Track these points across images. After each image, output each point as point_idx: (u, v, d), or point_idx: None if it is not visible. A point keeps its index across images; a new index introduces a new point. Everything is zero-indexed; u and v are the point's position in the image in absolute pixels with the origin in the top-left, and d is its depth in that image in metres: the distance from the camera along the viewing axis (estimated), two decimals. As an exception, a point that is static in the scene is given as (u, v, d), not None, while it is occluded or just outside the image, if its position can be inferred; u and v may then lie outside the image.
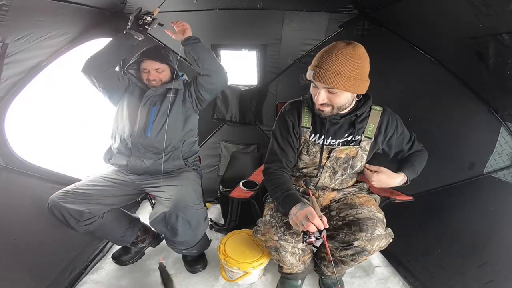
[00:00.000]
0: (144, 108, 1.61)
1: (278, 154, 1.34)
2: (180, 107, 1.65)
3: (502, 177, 1.49)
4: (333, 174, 1.37)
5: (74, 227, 1.41)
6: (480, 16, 1.22)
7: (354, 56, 1.09)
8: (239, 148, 2.64)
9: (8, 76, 1.41)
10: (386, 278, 1.65)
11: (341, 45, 1.10)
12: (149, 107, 1.62)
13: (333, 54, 1.08)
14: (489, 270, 1.38)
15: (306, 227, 1.02)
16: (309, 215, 1.02)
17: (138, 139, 1.58)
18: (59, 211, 1.38)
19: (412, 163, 1.38)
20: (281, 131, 1.35)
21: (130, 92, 1.69)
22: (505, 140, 1.48)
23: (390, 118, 1.32)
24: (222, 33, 2.27)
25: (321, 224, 1.02)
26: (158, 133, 1.59)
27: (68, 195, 1.42)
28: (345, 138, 1.31)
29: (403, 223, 1.55)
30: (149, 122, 1.59)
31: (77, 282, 1.58)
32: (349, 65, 1.08)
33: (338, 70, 1.08)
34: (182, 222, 1.38)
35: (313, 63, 1.15)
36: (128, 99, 1.67)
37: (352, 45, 1.10)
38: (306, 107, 1.34)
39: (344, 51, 1.08)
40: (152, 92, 1.62)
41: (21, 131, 1.97)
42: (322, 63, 1.10)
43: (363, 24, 2.07)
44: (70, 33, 1.71)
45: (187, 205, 1.41)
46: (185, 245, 1.56)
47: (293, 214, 1.08)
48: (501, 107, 1.46)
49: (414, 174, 1.38)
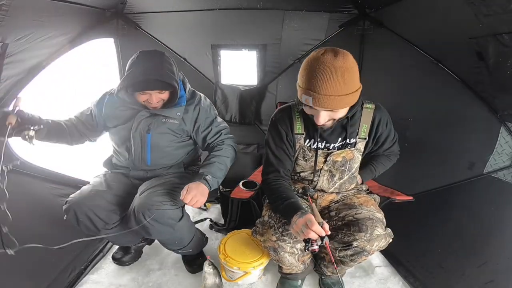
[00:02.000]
0: (136, 135, 1.43)
1: (274, 165, 1.32)
2: (183, 134, 1.49)
3: (502, 177, 1.49)
4: (330, 178, 1.36)
5: (100, 230, 1.38)
6: (480, 16, 1.22)
7: (348, 69, 1.02)
8: (239, 148, 2.64)
9: (8, 76, 1.41)
10: (386, 278, 1.65)
11: (330, 58, 1.01)
12: (141, 134, 1.43)
13: (327, 73, 1.00)
14: (489, 270, 1.38)
15: (306, 234, 1.01)
16: (308, 222, 1.02)
17: (138, 166, 1.50)
18: (84, 214, 1.32)
19: (374, 165, 1.45)
20: (275, 141, 1.32)
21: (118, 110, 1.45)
22: (505, 140, 1.48)
23: (383, 116, 1.30)
24: (222, 33, 2.27)
25: (321, 231, 1.01)
26: (160, 160, 1.51)
27: (94, 196, 1.36)
28: (340, 142, 1.30)
29: (403, 223, 1.55)
30: (146, 152, 1.46)
31: (77, 282, 1.57)
32: (345, 82, 1.02)
33: (337, 91, 1.01)
34: (151, 222, 1.28)
35: (305, 86, 1.05)
36: (115, 120, 1.46)
37: (341, 56, 1.02)
38: (297, 112, 1.30)
39: (336, 66, 1.00)
40: (144, 114, 1.41)
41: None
42: (318, 88, 1.01)
43: (363, 24, 2.07)
44: (70, 33, 1.71)
45: (153, 204, 1.29)
46: (175, 245, 1.53)
47: (293, 222, 1.08)
48: (501, 107, 1.46)
49: (371, 177, 1.45)
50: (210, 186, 1.35)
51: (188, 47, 2.37)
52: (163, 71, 1.28)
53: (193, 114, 1.46)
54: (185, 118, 1.45)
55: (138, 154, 1.47)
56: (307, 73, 1.05)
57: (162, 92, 1.34)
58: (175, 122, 1.43)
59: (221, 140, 1.52)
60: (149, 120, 1.42)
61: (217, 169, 1.41)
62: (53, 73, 1.75)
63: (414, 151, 1.83)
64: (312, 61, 1.05)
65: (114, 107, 1.46)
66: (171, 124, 1.43)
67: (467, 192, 1.64)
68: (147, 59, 1.30)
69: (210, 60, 2.36)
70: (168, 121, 1.43)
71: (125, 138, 1.46)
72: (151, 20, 2.25)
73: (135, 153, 1.47)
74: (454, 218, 1.67)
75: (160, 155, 1.50)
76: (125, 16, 2.20)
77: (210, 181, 1.35)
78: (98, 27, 1.99)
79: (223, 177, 1.46)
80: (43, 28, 1.48)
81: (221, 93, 2.48)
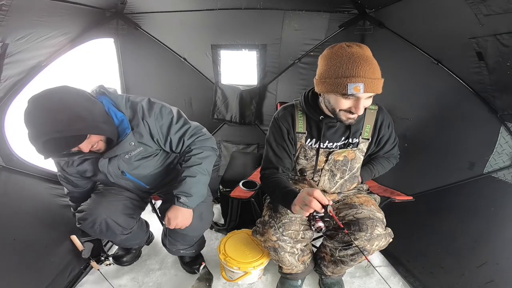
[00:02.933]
0: (118, 180, 1.33)
1: (273, 162, 1.32)
2: (155, 151, 1.32)
3: (502, 177, 1.49)
4: (332, 177, 1.36)
5: (118, 235, 1.37)
6: (480, 16, 1.22)
7: (372, 57, 1.07)
8: (239, 148, 2.64)
9: (8, 76, 1.41)
10: (386, 278, 1.64)
11: (359, 49, 1.04)
12: (119, 176, 1.31)
13: (367, 61, 1.03)
14: (489, 270, 1.38)
15: (309, 204, 0.99)
16: (309, 191, 1.00)
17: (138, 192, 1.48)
18: (104, 221, 1.30)
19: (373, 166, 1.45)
20: (276, 138, 1.32)
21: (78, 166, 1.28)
22: (505, 140, 1.48)
23: (385, 117, 1.31)
24: (222, 33, 2.27)
25: (323, 198, 0.99)
26: (155, 181, 1.44)
27: (110, 203, 1.34)
28: (343, 141, 1.30)
29: (403, 223, 1.55)
30: (139, 183, 1.39)
31: (77, 282, 1.57)
32: (378, 67, 1.06)
33: (378, 75, 1.05)
34: (195, 214, 1.36)
35: (350, 75, 1.01)
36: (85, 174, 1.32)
37: (365, 47, 1.07)
38: (300, 111, 1.30)
39: (367, 55, 1.05)
40: (104, 163, 1.24)
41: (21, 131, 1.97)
42: (367, 73, 1.01)
43: (363, 24, 2.08)
44: (70, 33, 1.72)
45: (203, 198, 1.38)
46: (187, 243, 1.56)
47: (294, 202, 1.07)
48: (501, 107, 1.46)
49: (370, 177, 1.46)
50: (188, 206, 1.28)
51: (188, 47, 2.37)
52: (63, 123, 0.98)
53: (146, 131, 1.23)
54: (145, 141, 1.24)
55: (132, 187, 1.43)
56: (345, 63, 1.02)
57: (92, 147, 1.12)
58: (139, 150, 1.25)
59: (187, 147, 1.32)
60: (114, 164, 1.26)
61: (190, 186, 1.27)
62: (53, 73, 1.75)
63: (414, 151, 1.83)
64: (343, 53, 1.03)
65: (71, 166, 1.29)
66: (136, 155, 1.26)
67: (467, 192, 1.64)
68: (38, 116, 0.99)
69: (210, 60, 2.36)
70: (132, 154, 1.25)
71: (111, 183, 1.36)
72: (151, 20, 2.26)
73: (129, 188, 1.44)
74: (454, 218, 1.67)
75: (153, 179, 1.42)
76: (125, 16, 2.20)
77: (185, 203, 1.26)
78: (98, 27, 1.99)
79: (204, 187, 1.34)
80: (43, 28, 1.48)
81: (221, 93, 2.48)
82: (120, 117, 1.17)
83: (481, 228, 1.51)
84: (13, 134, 1.58)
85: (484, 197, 1.57)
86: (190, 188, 1.27)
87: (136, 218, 1.46)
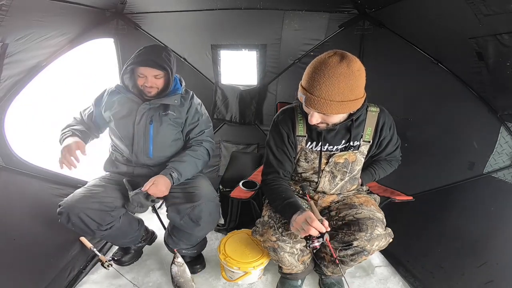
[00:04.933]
0: (139, 127, 1.49)
1: (274, 166, 1.32)
2: (178, 126, 1.56)
3: (502, 177, 1.49)
4: (332, 179, 1.36)
5: (94, 231, 1.39)
6: (480, 16, 1.22)
7: (349, 76, 0.99)
8: (239, 148, 2.64)
9: (8, 76, 1.41)
10: (386, 278, 1.65)
11: (334, 62, 0.99)
12: (145, 125, 1.49)
13: (326, 76, 0.98)
14: (489, 270, 1.38)
15: (307, 231, 1.02)
16: (308, 219, 1.02)
17: (141, 159, 1.53)
18: (77, 216, 1.33)
19: (375, 169, 1.44)
20: (276, 142, 1.32)
21: (119, 105, 1.52)
22: (505, 140, 1.48)
23: (387, 119, 1.30)
24: (222, 33, 2.27)
25: (321, 227, 1.02)
26: (160, 152, 1.54)
27: (87, 198, 1.38)
28: (343, 144, 1.30)
29: (403, 223, 1.55)
30: (149, 143, 1.51)
31: (76, 282, 1.57)
32: (343, 89, 0.99)
33: (331, 96, 0.99)
34: (205, 213, 1.39)
35: (303, 85, 1.06)
36: (117, 114, 1.51)
37: (346, 62, 0.99)
38: (300, 114, 1.29)
39: (337, 71, 0.98)
40: (146, 107, 1.48)
41: (21, 131, 1.97)
42: (314, 89, 1.00)
43: (363, 24, 2.07)
44: (70, 33, 1.72)
45: (211, 196, 1.46)
46: (190, 243, 1.57)
47: (293, 220, 1.09)
48: (501, 107, 1.46)
49: (370, 180, 1.46)
50: (174, 182, 1.43)
51: (188, 47, 2.37)
52: (160, 56, 1.42)
53: (186, 108, 1.55)
54: (181, 111, 1.53)
55: (141, 146, 1.51)
56: (308, 72, 1.06)
57: (157, 77, 1.44)
58: (173, 113, 1.52)
59: (200, 141, 1.57)
60: (151, 113, 1.49)
61: (185, 169, 1.47)
62: (53, 73, 1.75)
63: (414, 151, 1.83)
64: (317, 61, 1.04)
65: (115, 100, 1.53)
66: (170, 115, 1.51)
67: (467, 192, 1.64)
68: (149, 48, 1.47)
69: (210, 60, 2.36)
70: (168, 113, 1.50)
71: (128, 130, 1.51)
72: (151, 20, 2.25)
73: (138, 145, 1.51)
74: (454, 218, 1.67)
75: (161, 146, 1.54)
76: (125, 16, 2.20)
77: (174, 178, 1.43)
78: (98, 27, 1.99)
79: (190, 175, 1.53)
80: (43, 28, 1.48)
81: (221, 93, 2.48)
82: (178, 86, 1.55)
83: (481, 228, 1.51)
84: (13, 134, 1.58)
85: (484, 197, 1.57)
86: (184, 171, 1.46)
87: (115, 216, 1.43)
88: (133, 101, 1.50)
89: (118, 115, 1.52)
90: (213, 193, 1.51)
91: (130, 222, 1.61)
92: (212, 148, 1.62)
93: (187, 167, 1.48)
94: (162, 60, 1.42)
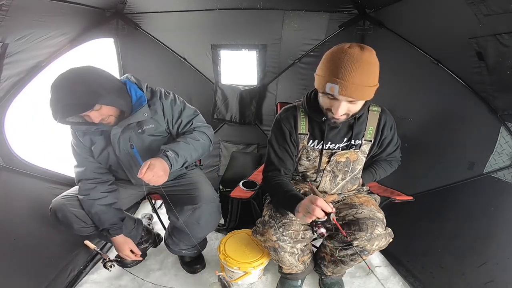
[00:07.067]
0: (123, 155, 1.38)
1: (276, 164, 1.32)
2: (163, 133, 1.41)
3: (502, 177, 1.49)
4: (333, 179, 1.36)
5: (80, 229, 1.40)
6: (480, 16, 1.22)
7: (371, 63, 1.04)
8: (239, 148, 2.64)
9: (8, 76, 1.41)
10: (386, 278, 1.65)
11: (357, 51, 1.02)
12: (127, 152, 1.37)
13: (354, 63, 1.01)
14: (489, 270, 1.38)
15: (312, 212, 1.00)
16: (312, 199, 1.01)
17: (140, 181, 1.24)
18: (63, 214, 1.35)
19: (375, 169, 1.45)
20: (278, 140, 1.32)
21: (94, 140, 1.37)
22: (505, 140, 1.48)
23: (388, 119, 1.31)
24: (222, 33, 2.27)
25: (327, 206, 1.00)
26: None
27: (74, 197, 1.40)
28: (345, 142, 1.30)
29: (403, 223, 1.55)
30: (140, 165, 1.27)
31: (77, 282, 1.57)
32: (369, 74, 1.04)
33: (363, 81, 1.02)
34: (206, 214, 1.40)
35: (331, 75, 1.04)
36: (96, 149, 1.38)
37: (368, 51, 1.04)
38: (302, 112, 1.29)
39: (362, 58, 1.01)
40: (118, 130, 1.30)
41: (21, 131, 1.97)
42: (346, 76, 1.01)
43: (363, 24, 2.08)
44: (70, 33, 1.72)
45: (212, 198, 1.45)
46: (190, 243, 1.56)
47: (298, 207, 1.08)
48: (501, 107, 1.46)
49: (371, 180, 1.46)
50: (171, 163, 1.23)
51: (188, 47, 2.37)
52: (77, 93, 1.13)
53: (160, 112, 1.38)
54: (157, 118, 1.37)
55: (134, 170, 1.41)
56: (333, 63, 1.04)
57: (99, 111, 1.20)
58: (151, 126, 1.36)
59: (192, 128, 1.42)
60: (127, 134, 1.34)
61: (181, 148, 1.29)
62: (53, 73, 1.75)
63: (414, 151, 1.83)
64: (338, 52, 1.05)
65: (87, 138, 1.37)
66: (149, 130, 1.37)
67: (467, 192, 1.64)
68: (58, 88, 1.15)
69: (210, 60, 2.36)
70: (144, 129, 1.35)
71: (114, 160, 1.41)
72: (151, 20, 2.26)
73: (130, 171, 1.45)
74: (454, 218, 1.67)
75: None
76: (125, 16, 2.20)
77: (170, 158, 1.23)
78: (98, 27, 1.99)
79: (190, 158, 1.34)
80: (43, 28, 1.49)
81: (221, 93, 2.48)
82: (139, 94, 1.34)
83: (481, 228, 1.51)
84: (13, 134, 1.58)
85: (484, 197, 1.57)
86: (179, 149, 1.29)
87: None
88: (102, 130, 1.32)
89: (98, 149, 1.38)
90: (214, 194, 1.50)
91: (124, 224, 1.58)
92: (210, 132, 1.47)
93: (183, 147, 1.31)
94: (85, 97, 1.13)
